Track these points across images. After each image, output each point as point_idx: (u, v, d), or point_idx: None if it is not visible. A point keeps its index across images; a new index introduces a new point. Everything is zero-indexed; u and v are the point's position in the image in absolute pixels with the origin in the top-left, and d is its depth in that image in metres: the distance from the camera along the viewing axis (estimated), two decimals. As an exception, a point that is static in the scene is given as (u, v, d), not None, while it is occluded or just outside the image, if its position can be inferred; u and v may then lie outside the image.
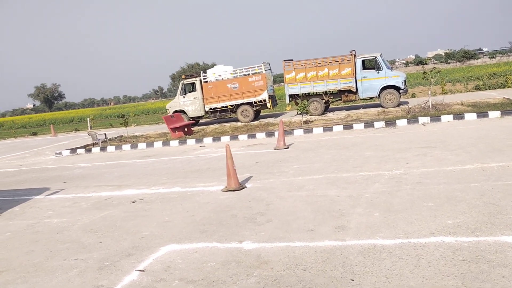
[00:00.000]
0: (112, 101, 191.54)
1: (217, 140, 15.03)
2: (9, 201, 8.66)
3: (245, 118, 20.51)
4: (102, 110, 68.25)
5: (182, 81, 21.34)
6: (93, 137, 16.58)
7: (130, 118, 30.54)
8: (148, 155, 13.44)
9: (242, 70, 20.83)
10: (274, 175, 8.31)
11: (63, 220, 6.74)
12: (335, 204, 6.00)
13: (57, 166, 13.04)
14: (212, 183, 8.29)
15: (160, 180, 9.13)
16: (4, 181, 11.22)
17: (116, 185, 9.14)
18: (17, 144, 23.58)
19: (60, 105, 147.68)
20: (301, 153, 10.52)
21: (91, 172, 11.27)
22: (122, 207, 7.21)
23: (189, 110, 21.17)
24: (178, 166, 10.66)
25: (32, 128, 45.41)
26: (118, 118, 42.34)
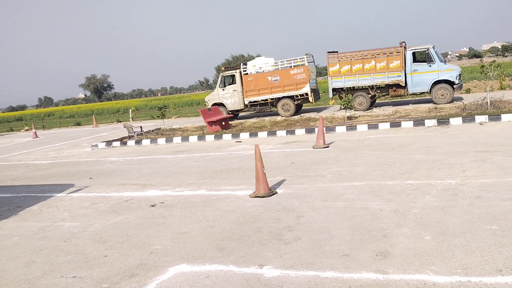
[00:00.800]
0: (159, 92, 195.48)
1: (254, 135, 14.27)
2: (31, 198, 8.29)
3: (286, 113, 19.63)
4: (147, 101, 69.27)
5: (222, 73, 20.70)
6: (129, 129, 16.27)
7: (170, 110, 30.43)
8: (181, 150, 12.88)
9: (283, 62, 19.93)
10: (309, 180, 7.43)
11: (75, 225, 6.20)
12: (378, 221, 5.06)
13: (88, 160, 12.74)
14: (240, 186, 7.53)
15: (187, 180, 8.48)
16: (35, 175, 10.99)
17: (140, 184, 8.58)
18: (59, 135, 23.88)
19: (109, 95, 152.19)
20: (341, 153, 9.56)
21: (120, 167, 10.82)
22: (140, 211, 6.59)
23: (228, 103, 20.53)
24: (208, 164, 9.99)
25: (80, 118, 46.55)
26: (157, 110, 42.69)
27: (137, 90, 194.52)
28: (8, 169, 12.41)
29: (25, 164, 13.15)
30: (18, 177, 10.82)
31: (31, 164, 13.02)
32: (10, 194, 8.79)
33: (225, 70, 20.81)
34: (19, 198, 8.40)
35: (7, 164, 13.71)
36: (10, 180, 10.56)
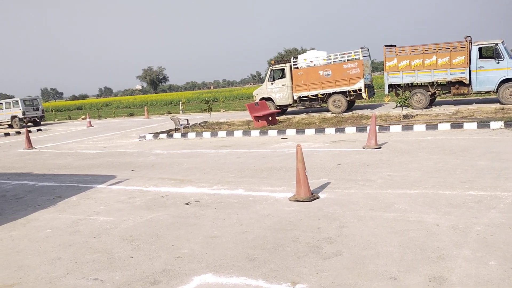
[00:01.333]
0: (212, 85, 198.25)
1: (301, 132, 13.71)
2: (73, 188, 8.26)
3: (337, 109, 18.88)
4: (199, 93, 70.18)
5: (271, 66, 20.23)
6: (176, 122, 16.21)
7: (219, 103, 30.40)
8: (224, 145, 12.58)
9: (336, 56, 19.15)
10: (356, 184, 6.83)
11: (108, 220, 6.00)
12: (433, 238, 4.42)
13: (134, 151, 12.73)
14: (280, 187, 7.05)
15: (226, 177, 8.12)
16: (81, 164, 11.08)
17: (179, 179, 8.32)
18: (112, 125, 24.45)
19: (164, 87, 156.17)
20: (395, 156, 8.83)
21: (162, 160, 10.66)
22: (174, 209, 6.29)
23: (277, 97, 20.04)
24: (250, 161, 9.58)
25: (135, 108, 47.78)
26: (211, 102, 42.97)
27: (190, 82, 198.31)
28: (58, 157, 12.65)
29: (75, 153, 13.37)
30: (66, 166, 10.94)
31: (80, 153, 13.22)
32: (54, 183, 8.83)
33: (275, 63, 20.31)
34: (61, 187, 8.40)
35: (58, 152, 14.02)
36: (57, 168, 10.69)
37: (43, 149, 14.95)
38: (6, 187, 8.78)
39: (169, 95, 77.85)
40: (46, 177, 9.61)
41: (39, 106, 28.86)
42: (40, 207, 6.97)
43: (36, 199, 7.54)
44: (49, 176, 9.64)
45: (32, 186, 8.75)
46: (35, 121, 28.63)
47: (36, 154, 13.86)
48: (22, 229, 5.91)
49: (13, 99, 28.62)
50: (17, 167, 11.33)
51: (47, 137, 19.81)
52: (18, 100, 27.92)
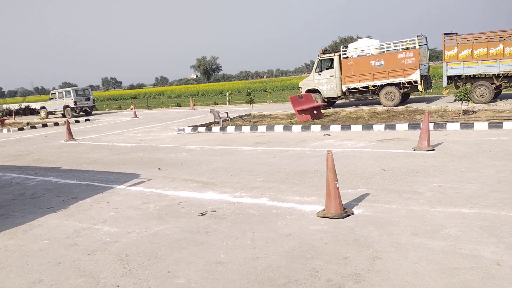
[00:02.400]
0: (265, 74, 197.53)
1: (346, 128, 12.61)
2: (92, 188, 7.79)
3: (389, 102, 17.49)
4: (250, 83, 69.62)
5: (319, 56, 19.07)
6: (215, 115, 15.58)
7: (267, 94, 29.53)
8: (261, 141, 11.75)
9: (390, 45, 17.70)
10: (400, 197, 5.78)
11: (112, 231, 5.38)
12: (491, 283, 3.38)
13: (168, 146, 12.22)
14: (310, 197, 6.14)
15: (253, 181, 7.31)
16: (111, 159, 10.70)
17: (203, 181, 7.61)
18: (157, 116, 24.32)
19: (217, 77, 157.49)
20: (449, 161, 7.63)
21: (193, 158, 10.03)
22: (186, 221, 5.57)
23: (324, 89, 18.91)
24: (284, 162, 8.70)
25: (187, 98, 47.90)
26: (260, 93, 42.11)
27: (244, 72, 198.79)
28: (93, 151, 12.40)
29: (111, 146, 13.09)
30: (96, 161, 10.60)
31: (116, 147, 12.91)
32: (76, 181, 8.43)
33: (323, 53, 19.13)
34: (81, 187, 7.96)
35: (95, 144, 13.83)
36: (87, 163, 10.36)
37: (82, 141, 14.85)
38: (29, 184, 8.49)
39: (220, 84, 78.03)
40: (72, 173, 9.26)
41: (90, 96, 29.26)
42: (51, 210, 6.51)
43: (51, 200, 7.12)
44: (75, 173, 9.28)
45: (54, 183, 8.39)
46: (86, 111, 29.04)
47: (74, 146, 13.74)
48: (21, 237, 5.42)
49: (65, 89, 29.12)
50: (50, 161, 11.15)
51: (91, 128, 19.93)
52: (70, 90, 28.41)
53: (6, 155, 12.82)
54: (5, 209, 6.78)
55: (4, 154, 12.94)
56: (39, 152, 12.84)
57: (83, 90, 29.40)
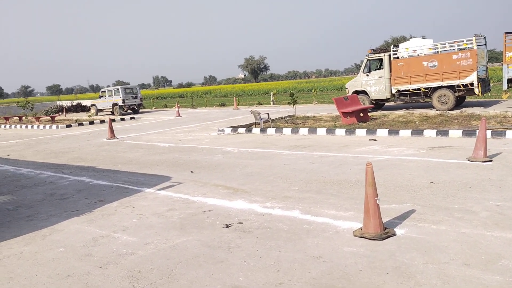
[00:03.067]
0: (314, 75, 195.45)
1: (394, 133, 11.78)
2: (121, 190, 7.56)
3: (442, 106, 16.39)
4: (297, 83, 68.82)
5: (367, 56, 18.18)
6: (256, 116, 15.14)
7: (312, 95, 28.80)
8: (302, 145, 11.18)
9: (445, 45, 16.60)
10: (450, 216, 5.07)
11: (130, 241, 5.04)
12: None
13: (205, 147, 11.90)
14: (348, 212, 5.54)
15: (286, 190, 6.78)
16: (147, 160, 10.51)
17: (234, 188, 7.17)
18: (199, 115, 24.24)
19: (265, 76, 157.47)
20: (509, 174, 6.77)
21: (228, 161, 9.63)
22: (209, 233, 5.13)
23: (372, 91, 18.01)
24: (323, 169, 8.10)
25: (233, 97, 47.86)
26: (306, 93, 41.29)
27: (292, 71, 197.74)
28: (130, 150, 12.31)
29: (149, 146, 12.97)
30: (131, 161, 10.45)
31: (154, 146, 12.78)
32: (107, 182, 8.25)
33: (372, 52, 18.22)
34: (111, 188, 7.75)
35: (134, 143, 13.78)
36: (123, 163, 10.23)
37: (123, 140, 14.88)
38: (62, 184, 8.40)
39: (267, 84, 77.74)
40: (105, 173, 9.11)
41: (138, 94, 29.67)
42: (75, 214, 6.30)
43: (78, 202, 6.93)
44: (108, 173, 9.13)
45: (86, 184, 8.24)
46: (134, 109, 29.50)
47: (114, 145, 13.75)
48: (39, 243, 5.20)
49: (114, 87, 29.69)
50: (88, 159, 11.13)
51: (135, 126, 20.08)
52: (119, 88, 28.95)
53: (49, 152, 13.00)
54: (32, 210, 6.65)
55: (47, 151, 13.13)
56: (79, 150, 12.92)
57: (131, 89, 29.84)
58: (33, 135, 18.90)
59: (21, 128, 23.52)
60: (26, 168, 10.41)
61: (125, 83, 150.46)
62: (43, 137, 17.83)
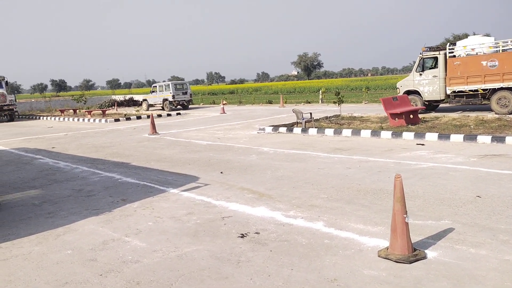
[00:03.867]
0: (370, 72, 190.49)
1: (444, 138, 10.90)
2: (146, 190, 7.40)
3: (502, 109, 15.12)
4: (350, 81, 67.15)
5: (421, 54, 17.11)
6: (298, 115, 14.64)
7: (362, 94, 27.77)
8: (342, 147, 10.59)
9: (507, 43, 15.27)
10: (494, 239, 4.41)
11: (139, 247, 4.80)
12: None
13: (242, 146, 11.59)
14: (376, 227, 5.00)
15: (314, 198, 6.30)
16: (180, 158, 10.36)
17: (260, 192, 6.79)
18: (244, 113, 24.00)
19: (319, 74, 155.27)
20: None
21: (261, 162, 9.25)
22: (221, 243, 4.79)
23: (425, 91, 16.95)
24: (359, 176, 7.53)
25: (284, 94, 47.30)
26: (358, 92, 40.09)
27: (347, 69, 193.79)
28: (167, 147, 12.24)
29: (186, 143, 12.86)
30: (165, 158, 10.34)
31: (191, 144, 12.65)
32: (135, 180, 8.13)
33: (426, 50, 17.12)
34: (137, 187, 7.62)
35: (173, 140, 13.74)
36: (156, 160, 10.14)
37: (164, 136, 14.90)
38: (92, 180, 8.39)
39: (319, 82, 76.46)
40: (136, 170, 9.03)
41: (187, 90, 29.68)
42: (95, 213, 6.18)
43: (101, 201, 6.82)
44: (139, 170, 9.04)
45: (115, 181, 8.18)
46: (183, 105, 29.50)
47: (154, 141, 13.77)
48: (50, 243, 5.08)
49: (165, 83, 29.67)
50: (124, 155, 11.16)
51: (178, 122, 20.16)
52: (169, 84, 28.94)
53: (91, 146, 13.22)
54: (56, 207, 6.62)
55: (89, 145, 13.37)
56: (119, 145, 13.04)
57: (182, 85, 29.84)
58: (81, 128, 19.49)
59: (73, 121, 24.41)
60: (65, 162, 10.58)
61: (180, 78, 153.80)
62: (90, 130, 18.32)
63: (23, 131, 20.06)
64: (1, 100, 26.22)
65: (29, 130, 20.09)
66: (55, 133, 18.06)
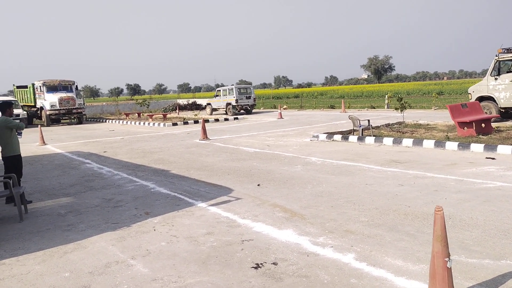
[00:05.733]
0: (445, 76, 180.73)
1: (520, 151, 9.48)
2: (174, 202, 6.98)
3: None
4: (423, 85, 63.66)
5: (496, 56, 15.35)
6: (354, 122, 13.64)
7: (432, 100, 25.85)
8: (398, 160, 9.55)
9: None
10: None
11: (139, 274, 4.31)
12: None
13: (289, 155, 10.89)
14: (419, 264, 4.12)
15: (352, 221, 5.49)
16: (222, 166, 9.89)
17: (292, 211, 6.08)
18: (302, 118, 23.16)
19: (390, 77, 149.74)
20: None
21: (304, 174, 8.52)
22: (230, 274, 4.17)
23: (501, 97, 15.18)
24: (411, 195, 6.57)
25: (349, 99, 45.87)
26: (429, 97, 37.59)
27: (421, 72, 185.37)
28: (213, 154, 11.84)
29: (234, 150, 12.40)
30: (206, 167, 9.92)
31: (238, 151, 12.16)
32: (167, 191, 7.76)
33: (502, 52, 15.34)
34: (167, 198, 7.22)
35: (222, 146, 13.34)
36: (196, 168, 9.75)
37: (214, 142, 14.57)
38: (126, 189, 8.13)
39: (389, 85, 73.39)
40: (173, 179, 8.68)
41: (251, 94, 28.85)
42: (112, 228, 5.82)
43: (125, 213, 6.48)
44: (176, 179, 8.68)
45: (147, 190, 7.85)
46: (247, 109, 28.68)
47: (202, 147, 13.47)
48: (53, 262, 4.74)
49: (229, 87, 29.15)
50: (168, 161, 10.92)
51: (233, 128, 19.81)
52: (233, 88, 28.29)
53: (140, 151, 13.19)
54: (78, 218, 6.37)
55: (139, 150, 13.35)
56: (168, 151, 12.87)
57: (246, 89, 29.20)
58: (139, 132, 19.79)
59: (134, 124, 25.00)
60: (108, 167, 10.52)
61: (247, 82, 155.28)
62: (146, 134, 18.51)
63: (86, 134, 20.79)
64: (71, 104, 27.58)
65: (92, 133, 20.78)
66: (113, 136, 18.46)
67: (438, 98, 27.46)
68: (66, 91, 28.11)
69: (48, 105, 27.24)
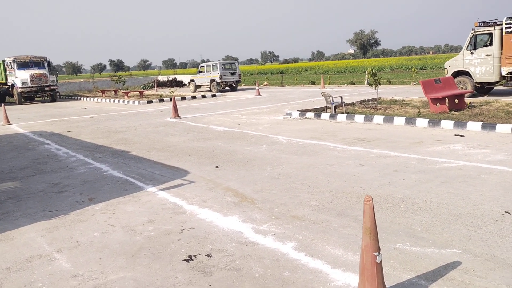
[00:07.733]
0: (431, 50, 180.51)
1: (489, 128, 9.29)
2: (124, 186, 6.62)
3: None
4: (407, 59, 63.37)
5: (473, 30, 15.04)
6: (327, 99, 13.31)
7: (411, 74, 25.59)
8: (366, 138, 9.29)
9: None
10: (514, 288, 3.15)
11: (59, 270, 3.98)
12: None
13: (257, 134, 10.56)
14: (357, 254, 3.85)
15: (301, 206, 5.20)
16: (184, 147, 9.52)
17: (243, 195, 5.78)
18: (279, 95, 22.74)
19: (376, 52, 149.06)
20: None
21: (267, 155, 8.21)
22: (158, 269, 3.86)
23: (476, 72, 14.94)
24: (369, 176, 6.30)
25: (334, 74, 45.42)
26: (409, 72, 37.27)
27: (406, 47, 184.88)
28: (180, 134, 11.45)
29: (202, 129, 12.02)
30: (169, 147, 9.54)
31: (206, 130, 11.78)
32: (120, 174, 7.39)
33: (479, 26, 15.03)
34: (117, 183, 6.86)
35: (191, 125, 12.94)
36: (157, 149, 9.38)
37: (184, 120, 14.14)
38: (78, 172, 7.74)
39: (374, 60, 72.85)
40: (130, 162, 8.30)
41: (236, 70, 27.91)
42: (48, 216, 5.46)
43: (67, 199, 6.11)
44: (133, 161, 8.30)
45: (99, 174, 7.48)
46: (231, 86, 27.78)
47: (171, 125, 13.06)
48: (-26, 255, 4.38)
49: (212, 63, 27.87)
50: (132, 142, 10.51)
51: (208, 105, 19.31)
52: (217, 64, 27.16)
53: (105, 131, 12.73)
54: (16, 205, 5.99)
55: (104, 130, 12.89)
56: (134, 130, 12.45)
57: (230, 64, 28.22)
58: (111, 110, 19.23)
59: (109, 102, 24.35)
60: (67, 148, 10.08)
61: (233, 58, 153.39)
62: (117, 113, 17.97)
63: (55, 112, 20.15)
64: (43, 81, 26.70)
65: (62, 112, 20.15)
66: (82, 115, 17.90)
67: (418, 73, 27.18)
68: (38, 68, 27.17)
69: (19, 82, 26.33)
